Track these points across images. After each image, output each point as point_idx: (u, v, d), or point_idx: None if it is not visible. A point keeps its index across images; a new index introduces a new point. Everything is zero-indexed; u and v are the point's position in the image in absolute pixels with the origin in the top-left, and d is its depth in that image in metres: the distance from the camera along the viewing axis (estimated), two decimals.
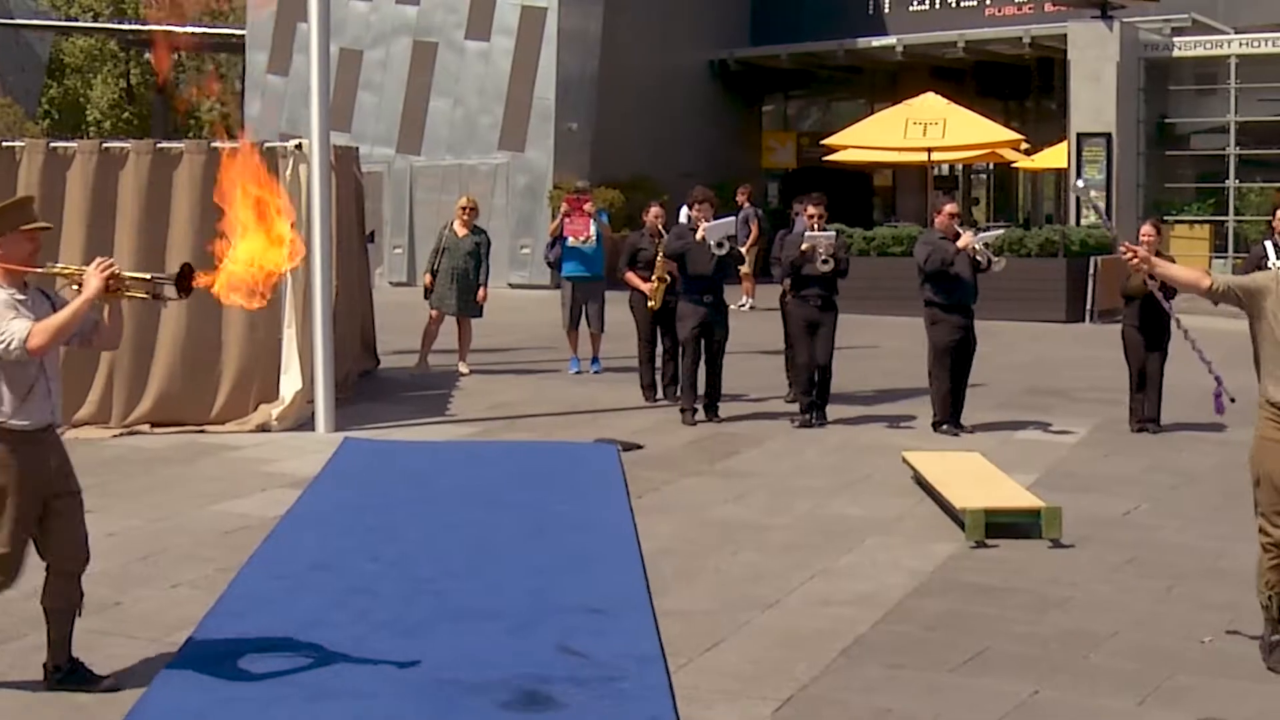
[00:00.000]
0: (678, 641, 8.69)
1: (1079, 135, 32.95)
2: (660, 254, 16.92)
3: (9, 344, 7.45)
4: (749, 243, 26.76)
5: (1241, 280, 8.82)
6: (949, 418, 15.86)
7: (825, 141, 32.73)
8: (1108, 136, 32.72)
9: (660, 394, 17.64)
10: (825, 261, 15.77)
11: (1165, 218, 28.48)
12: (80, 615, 7.99)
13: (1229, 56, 33.60)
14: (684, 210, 21.50)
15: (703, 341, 16.01)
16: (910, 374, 19.05)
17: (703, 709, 7.65)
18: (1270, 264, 15.38)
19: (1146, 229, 15.97)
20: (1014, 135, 33.03)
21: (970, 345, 15.99)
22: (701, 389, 16.24)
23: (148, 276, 8.12)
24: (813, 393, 16.17)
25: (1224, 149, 34.07)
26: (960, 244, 15.76)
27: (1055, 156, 34.77)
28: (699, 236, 15.85)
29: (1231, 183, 33.70)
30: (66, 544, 7.89)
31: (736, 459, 14.41)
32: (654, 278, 17.15)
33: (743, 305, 27.12)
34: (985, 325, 17.02)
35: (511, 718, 7.49)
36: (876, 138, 31.09)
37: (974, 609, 9.53)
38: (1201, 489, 13.64)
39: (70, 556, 7.91)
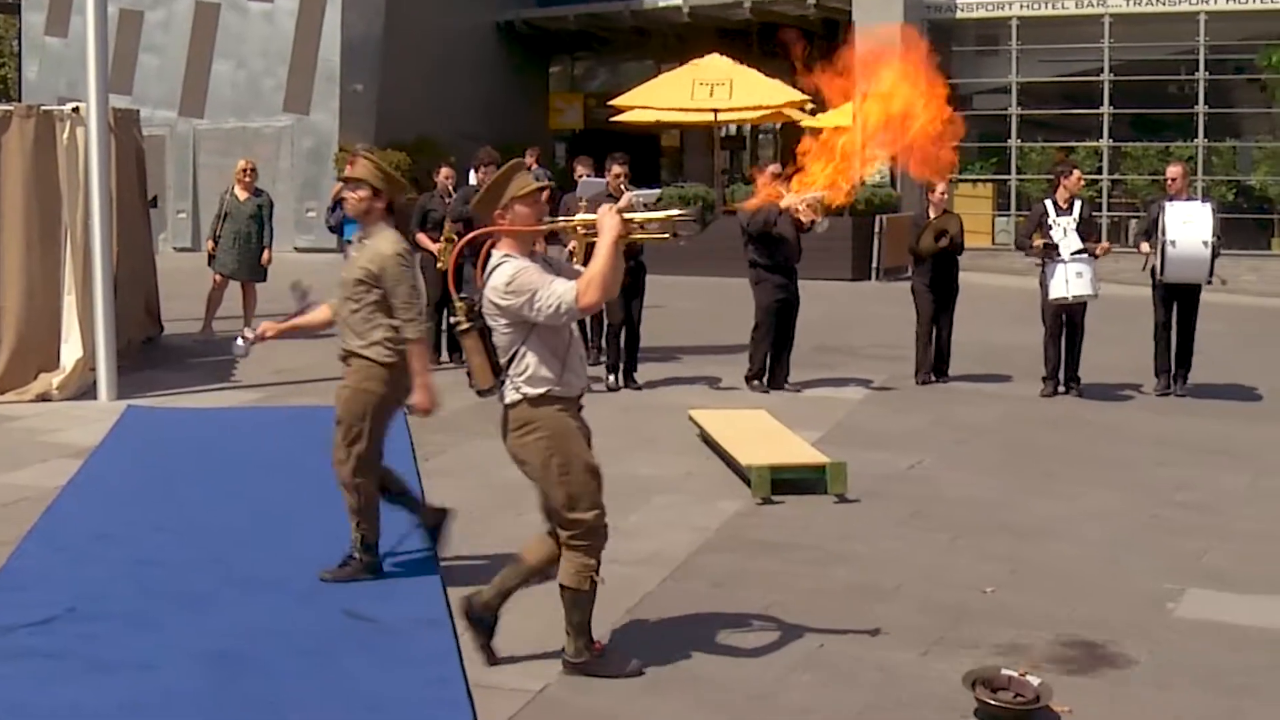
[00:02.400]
0: None
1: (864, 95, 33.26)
2: (448, 216, 16.88)
3: (558, 306, 7.34)
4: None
5: None
6: (760, 374, 16.01)
7: (613, 102, 32.74)
8: None
9: (445, 356, 17.58)
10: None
11: (950, 177, 28.85)
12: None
13: (1010, 19, 34.11)
14: (472, 172, 21.44)
15: None
16: (698, 333, 19.20)
17: (491, 670, 7.65)
18: (1050, 221, 15.80)
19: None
20: (800, 95, 33.24)
21: (794, 305, 16.15)
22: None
23: (663, 216, 8.06)
24: (623, 356, 16.29)
25: (1006, 109, 34.60)
26: (782, 204, 15.89)
27: (841, 116, 35.03)
28: None
29: (1013, 142, 34.27)
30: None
31: None
32: (442, 239, 17.09)
33: None
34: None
35: (298, 686, 7.44)
36: (663, 99, 31.15)
37: (760, 565, 9.62)
38: (984, 443, 13.91)
39: None
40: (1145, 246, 16.07)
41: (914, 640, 8.21)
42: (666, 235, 8.08)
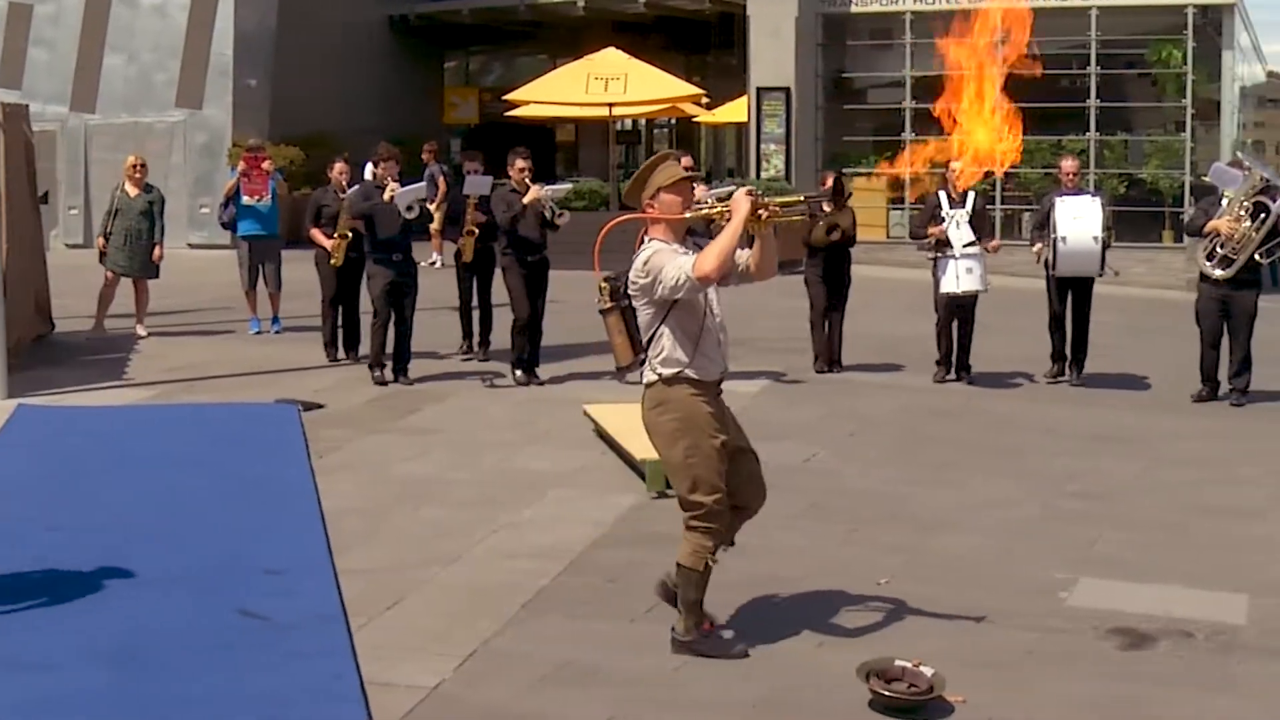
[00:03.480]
0: (360, 600, 8.65)
1: (759, 89, 33.37)
2: (345, 211, 16.80)
3: (678, 279, 7.62)
4: (437, 200, 26.68)
5: None
6: None
7: (508, 97, 32.65)
8: (787, 90, 33.17)
9: (342, 353, 17.48)
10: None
11: (844, 170, 28.99)
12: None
13: (904, 12, 34.26)
14: (368, 167, 21.36)
15: (392, 301, 15.89)
16: (593, 329, 19.16)
17: (385, 667, 7.62)
18: (945, 214, 16.02)
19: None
20: (695, 90, 33.31)
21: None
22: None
23: (800, 199, 8.34)
24: (527, 350, 16.29)
25: (900, 103, 34.72)
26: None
27: (736, 111, 35.17)
28: (387, 197, 15.74)
29: (907, 135, 34.39)
30: (752, 484, 8.20)
31: (419, 416, 14.36)
32: (336, 235, 17.01)
33: (433, 263, 27.02)
34: None
35: (192, 684, 7.38)
36: (558, 93, 31.11)
37: (656, 559, 9.58)
38: (879, 434, 14.00)
39: (755, 496, 8.23)
40: (1038, 247, 16.44)
41: (809, 632, 8.25)
42: (803, 217, 8.50)
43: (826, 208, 16.62)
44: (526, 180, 16.21)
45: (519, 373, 16.17)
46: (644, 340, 7.88)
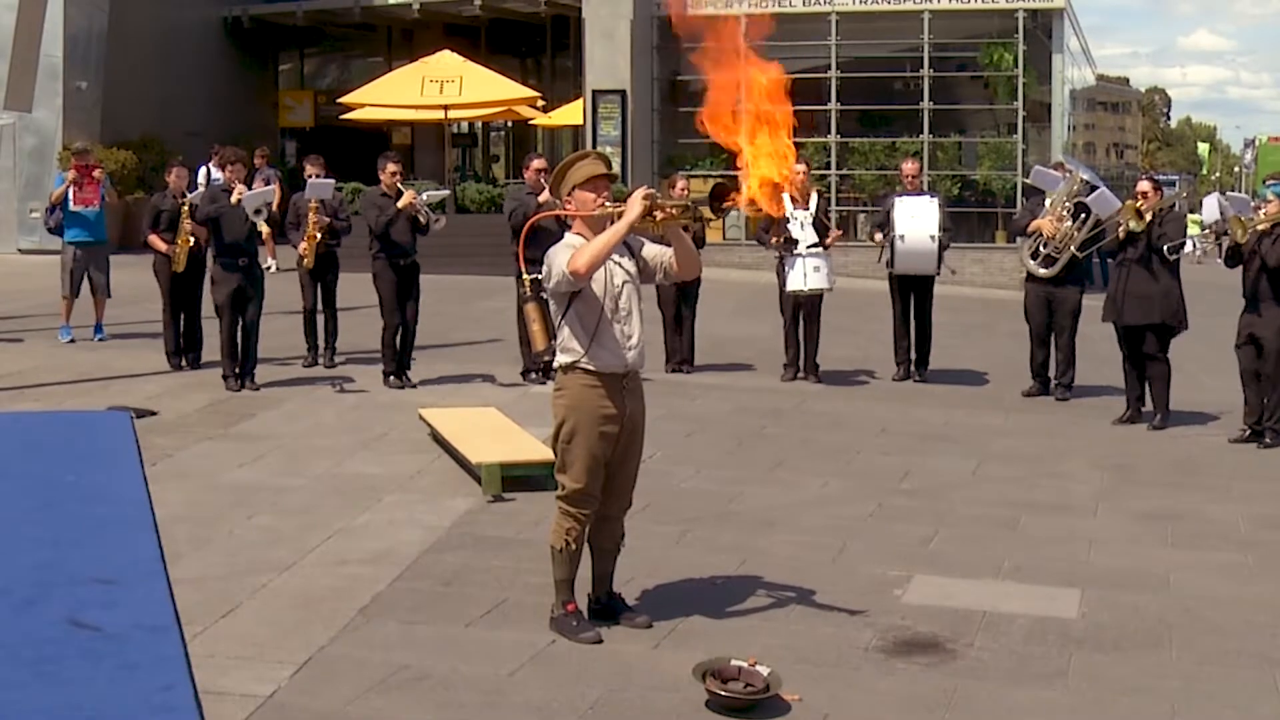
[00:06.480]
0: (193, 609, 8.54)
1: (594, 92, 33.34)
2: (185, 215, 16.65)
3: (560, 274, 7.94)
4: (275, 205, 26.49)
5: None
6: (535, 366, 16.03)
7: (342, 100, 32.46)
8: (622, 93, 33.20)
9: (183, 361, 17.24)
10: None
11: (680, 172, 29.11)
12: (619, 553, 8.61)
13: (739, 16, 34.35)
14: (202, 170, 21.13)
15: (237, 306, 15.74)
16: (433, 332, 19.09)
17: (219, 676, 7.53)
18: (789, 215, 16.32)
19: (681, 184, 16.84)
20: (530, 93, 33.29)
21: None
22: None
23: (688, 203, 8.43)
24: (401, 355, 16.27)
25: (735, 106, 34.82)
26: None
27: (571, 113, 35.14)
28: (234, 200, 15.61)
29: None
30: (614, 490, 8.41)
31: (252, 422, 14.22)
32: (178, 240, 16.84)
33: (267, 267, 26.78)
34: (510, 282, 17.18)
35: (21, 697, 7.28)
36: (393, 96, 31.00)
37: (491, 562, 9.63)
38: (714, 435, 14.08)
39: (612, 502, 8.43)
40: (879, 236, 16.85)
41: (645, 633, 8.27)
42: (699, 221, 8.80)
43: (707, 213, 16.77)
44: (399, 184, 16.18)
45: (392, 378, 16.10)
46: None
